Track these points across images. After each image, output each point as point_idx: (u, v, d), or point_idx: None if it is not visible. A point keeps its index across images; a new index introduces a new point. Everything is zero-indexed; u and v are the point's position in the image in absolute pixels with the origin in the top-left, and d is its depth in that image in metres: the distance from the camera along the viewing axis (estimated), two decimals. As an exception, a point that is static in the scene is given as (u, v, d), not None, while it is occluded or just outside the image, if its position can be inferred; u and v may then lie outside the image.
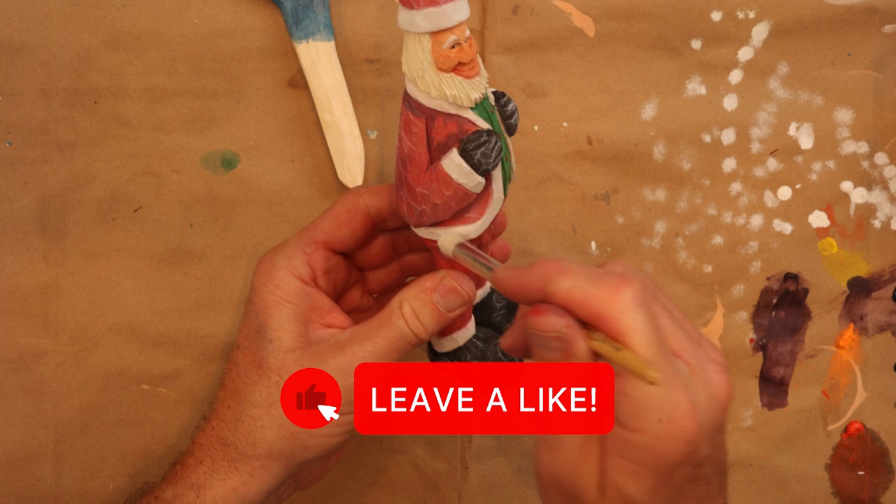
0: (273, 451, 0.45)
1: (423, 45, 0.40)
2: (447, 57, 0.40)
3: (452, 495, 0.58)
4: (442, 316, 0.45)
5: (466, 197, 0.42)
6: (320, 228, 0.47)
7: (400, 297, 0.45)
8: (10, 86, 0.54)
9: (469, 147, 0.41)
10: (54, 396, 0.55)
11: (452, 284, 0.45)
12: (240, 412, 0.45)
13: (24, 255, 0.55)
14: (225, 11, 0.54)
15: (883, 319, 0.58)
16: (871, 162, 0.57)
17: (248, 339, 0.46)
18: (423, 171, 0.42)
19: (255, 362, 0.45)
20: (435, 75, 0.40)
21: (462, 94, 0.41)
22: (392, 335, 0.44)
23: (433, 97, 0.41)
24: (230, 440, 0.45)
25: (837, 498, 0.59)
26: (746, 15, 0.56)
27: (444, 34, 0.40)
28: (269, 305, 0.45)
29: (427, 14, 0.39)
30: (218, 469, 0.45)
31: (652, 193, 0.57)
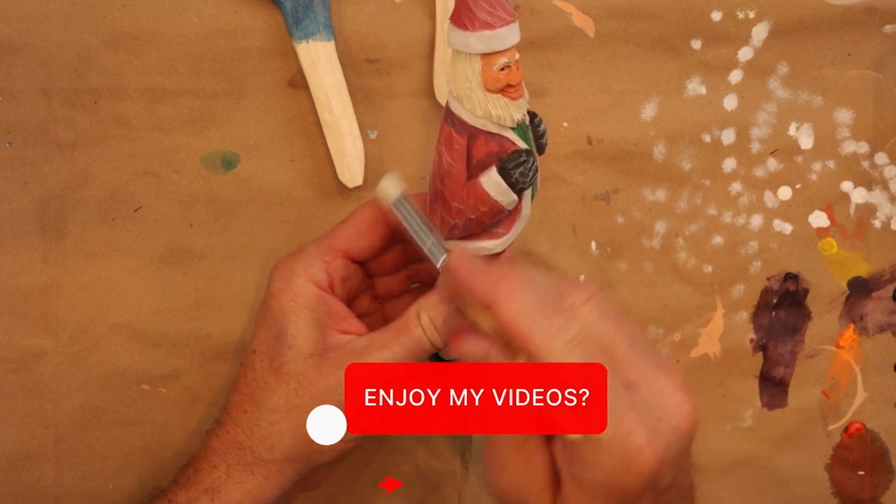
0: (290, 455, 0.45)
1: (473, 66, 0.41)
2: (496, 79, 0.41)
3: (452, 495, 0.58)
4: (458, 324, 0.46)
5: (499, 213, 0.43)
6: (340, 237, 0.47)
7: (418, 305, 0.45)
8: (10, 86, 0.54)
9: (509, 166, 0.42)
10: (54, 396, 0.55)
11: None
12: (257, 417, 0.45)
13: (24, 255, 0.55)
14: (225, 11, 0.54)
15: (883, 319, 0.58)
16: (871, 162, 0.57)
17: (265, 343, 0.46)
18: (460, 187, 0.43)
19: (273, 368, 0.45)
20: (482, 95, 0.41)
21: (506, 114, 0.41)
22: (410, 344, 0.44)
23: (478, 116, 0.41)
24: (247, 444, 0.45)
25: (837, 498, 0.59)
26: (746, 15, 0.56)
27: (495, 56, 0.40)
28: (288, 312, 0.45)
29: (482, 36, 0.40)
30: (233, 473, 0.45)
31: (652, 193, 0.57)
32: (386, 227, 0.48)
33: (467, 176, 0.43)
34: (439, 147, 0.43)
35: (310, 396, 0.44)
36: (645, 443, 0.37)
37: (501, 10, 0.40)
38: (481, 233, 0.44)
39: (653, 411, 0.38)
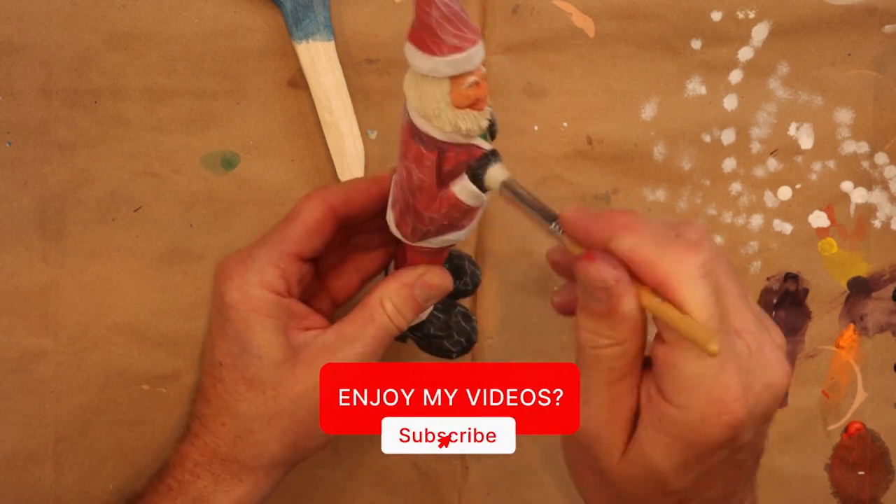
0: (276, 460, 0.45)
1: (441, 88, 0.40)
2: (466, 96, 0.40)
3: (452, 495, 0.58)
4: (420, 307, 0.46)
5: (470, 213, 0.44)
6: (290, 239, 0.46)
7: (379, 293, 0.45)
8: (10, 86, 0.54)
9: (479, 172, 0.42)
10: (54, 396, 0.55)
11: (433, 281, 0.46)
12: (239, 428, 0.45)
13: (24, 255, 0.55)
14: (225, 11, 0.54)
15: (883, 319, 0.58)
16: (871, 162, 0.58)
17: (230, 356, 0.45)
18: (433, 199, 0.43)
19: (245, 379, 0.45)
20: (451, 113, 0.41)
21: (475, 126, 0.41)
22: (378, 333, 0.45)
23: (447, 132, 0.41)
24: (231, 456, 0.45)
25: (837, 498, 0.59)
26: (746, 15, 0.56)
27: (463, 76, 0.40)
28: (251, 323, 0.45)
29: (451, 61, 0.39)
30: (220, 482, 0.45)
31: (652, 193, 0.57)
32: (335, 222, 0.47)
33: (438, 187, 0.43)
34: (407, 163, 0.43)
35: (289, 401, 0.44)
36: (739, 392, 0.36)
37: (467, 31, 0.39)
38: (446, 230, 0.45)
39: (750, 363, 0.37)
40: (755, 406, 0.37)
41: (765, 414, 0.38)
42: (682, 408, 0.37)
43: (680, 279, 0.36)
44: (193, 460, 0.46)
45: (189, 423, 0.48)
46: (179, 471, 0.46)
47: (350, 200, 0.47)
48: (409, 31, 0.40)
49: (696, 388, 0.36)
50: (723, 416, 0.36)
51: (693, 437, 0.37)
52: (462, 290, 0.51)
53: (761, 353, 0.38)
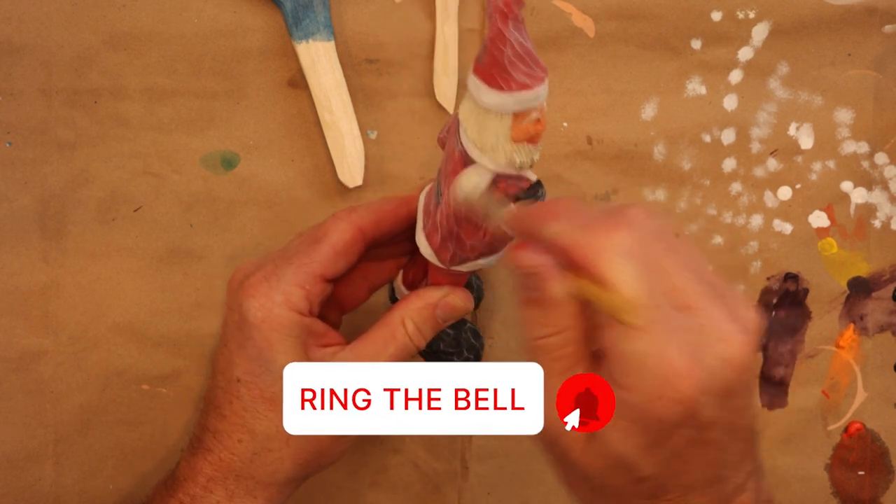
0: (291, 478, 0.46)
1: (503, 123, 0.39)
2: (526, 131, 0.40)
3: (452, 495, 0.58)
4: (440, 328, 0.47)
5: (508, 239, 0.44)
6: (318, 261, 0.46)
7: (402, 312, 0.46)
8: (10, 86, 0.54)
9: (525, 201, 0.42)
10: (54, 396, 0.55)
11: (456, 303, 0.47)
12: (256, 446, 0.45)
13: (24, 255, 0.55)
14: (225, 11, 0.54)
15: (883, 319, 0.58)
16: (871, 162, 0.57)
17: (250, 373, 0.45)
18: (478, 229, 0.43)
19: (265, 398, 0.45)
20: (509, 147, 0.40)
21: (528, 159, 0.41)
22: (398, 353, 0.45)
23: (501, 164, 0.41)
24: (246, 473, 0.45)
25: (837, 498, 0.59)
26: (746, 15, 0.56)
27: (528, 112, 0.39)
28: (273, 343, 0.45)
29: (518, 98, 0.38)
30: (234, 497, 0.45)
31: (652, 193, 0.57)
32: (363, 245, 0.47)
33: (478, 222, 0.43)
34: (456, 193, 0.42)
35: None
36: (685, 368, 0.35)
37: (538, 69, 0.38)
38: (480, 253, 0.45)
39: (700, 338, 0.36)
40: (709, 381, 0.36)
41: (726, 389, 0.36)
42: (630, 389, 0.36)
43: (602, 258, 0.36)
44: (206, 475, 0.46)
45: (200, 436, 0.47)
46: (191, 485, 0.46)
47: (379, 222, 0.47)
48: (475, 63, 0.39)
49: (640, 367, 0.36)
50: (671, 393, 0.35)
51: (646, 417, 0.36)
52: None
53: (714, 327, 0.36)
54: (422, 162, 0.56)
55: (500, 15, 0.36)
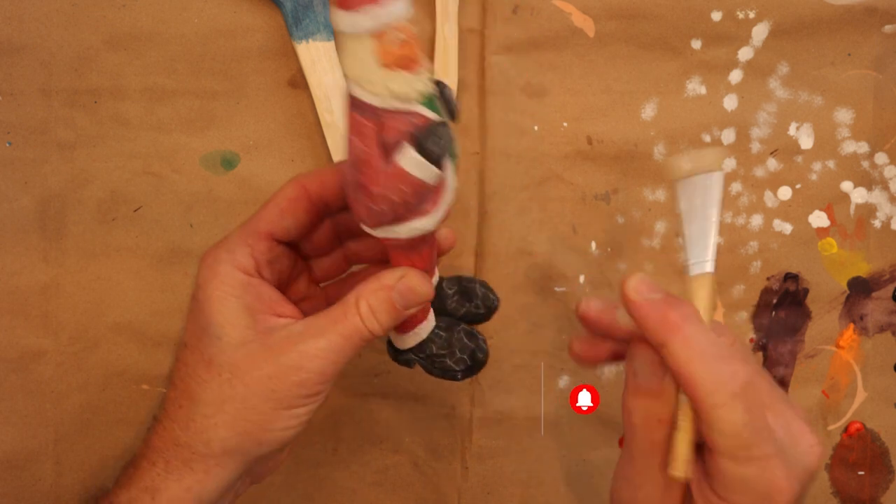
0: (227, 448, 0.43)
1: (365, 45, 0.38)
2: (391, 54, 0.38)
3: (452, 495, 0.58)
4: (399, 314, 0.44)
5: (424, 190, 0.41)
6: (263, 219, 0.45)
7: (357, 292, 0.43)
8: (11, 86, 0.54)
9: (424, 141, 0.40)
10: (54, 396, 0.55)
11: (413, 284, 0.44)
12: (192, 411, 0.43)
13: (24, 255, 0.55)
14: (225, 11, 0.55)
15: (883, 319, 0.58)
16: (871, 162, 0.58)
17: (194, 336, 0.44)
18: (378, 172, 0.40)
19: (204, 360, 0.43)
20: (380, 74, 0.39)
21: (410, 89, 0.39)
22: (346, 331, 0.43)
23: (381, 96, 0.39)
24: (183, 440, 0.43)
25: (837, 498, 0.59)
26: (746, 15, 0.56)
27: (387, 32, 0.38)
28: (213, 301, 0.43)
29: (371, 13, 0.38)
30: (172, 470, 0.44)
31: (652, 193, 0.57)
32: (309, 203, 0.46)
33: (383, 159, 0.40)
34: (349, 136, 0.41)
35: (244, 386, 0.42)
36: (785, 483, 0.39)
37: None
38: (408, 213, 0.42)
39: (791, 452, 0.40)
40: (799, 490, 0.40)
41: (803, 494, 0.41)
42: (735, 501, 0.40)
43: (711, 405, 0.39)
44: (153, 447, 0.44)
45: (157, 411, 0.47)
46: (140, 459, 0.45)
47: (324, 182, 0.46)
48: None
49: (743, 489, 0.39)
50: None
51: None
52: (473, 314, 0.49)
53: (795, 441, 0.41)
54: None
55: None
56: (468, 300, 0.49)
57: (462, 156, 0.56)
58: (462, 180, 0.56)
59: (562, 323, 0.57)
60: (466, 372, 0.48)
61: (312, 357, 0.42)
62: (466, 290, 0.49)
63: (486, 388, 0.57)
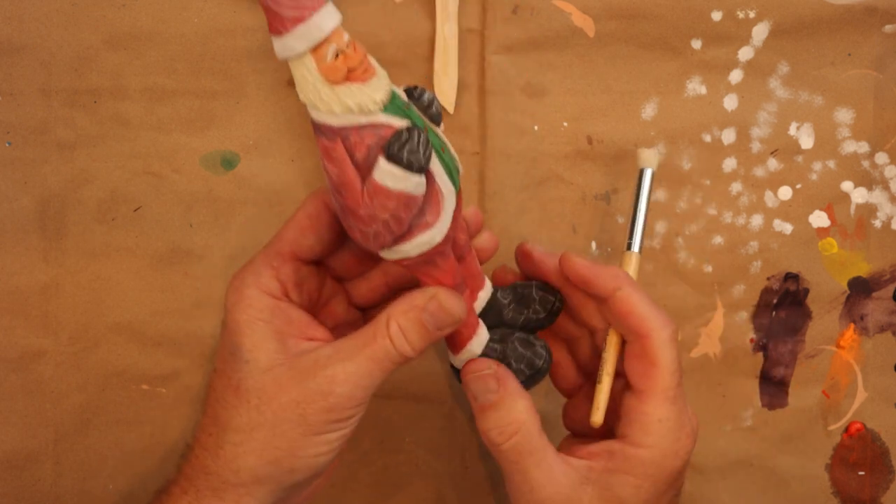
0: (257, 476, 0.42)
1: (307, 66, 0.37)
2: (335, 68, 0.37)
3: (452, 495, 0.58)
4: (431, 335, 0.43)
5: (412, 201, 0.40)
6: (285, 239, 0.44)
7: (387, 313, 0.42)
8: (10, 86, 0.54)
9: (394, 150, 0.38)
10: (54, 396, 0.55)
11: (444, 303, 0.43)
12: (221, 439, 0.42)
13: (24, 255, 0.55)
14: (225, 11, 0.54)
15: (883, 319, 0.58)
16: (871, 162, 0.57)
17: (223, 361, 0.43)
18: (359, 193, 0.39)
19: (232, 386, 0.42)
20: (330, 91, 0.38)
21: (366, 100, 0.38)
22: (376, 355, 0.42)
23: (338, 114, 0.38)
24: (213, 469, 0.42)
25: (838, 498, 0.59)
26: (747, 15, 0.56)
27: (322, 47, 0.37)
28: (241, 325, 0.42)
29: (298, 34, 0.37)
30: (202, 498, 0.42)
31: (652, 193, 0.57)
32: (331, 218, 0.44)
33: (361, 179, 0.39)
34: (322, 163, 0.40)
35: (272, 413, 0.41)
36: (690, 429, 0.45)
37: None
38: (410, 229, 0.41)
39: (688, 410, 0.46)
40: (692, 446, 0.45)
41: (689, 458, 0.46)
42: (649, 447, 0.44)
43: (661, 340, 0.45)
44: (185, 475, 0.44)
45: (190, 438, 0.46)
46: (172, 486, 0.44)
47: None
48: None
49: (660, 429, 0.44)
50: (680, 449, 0.44)
51: (658, 471, 0.44)
52: (534, 320, 0.48)
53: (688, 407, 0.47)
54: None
55: None
56: (525, 307, 0.48)
57: (462, 156, 0.56)
58: (462, 180, 0.56)
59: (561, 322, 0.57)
60: (528, 381, 0.46)
61: (341, 382, 0.41)
62: (523, 297, 0.48)
63: (486, 388, 0.57)
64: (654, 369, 0.44)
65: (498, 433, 0.44)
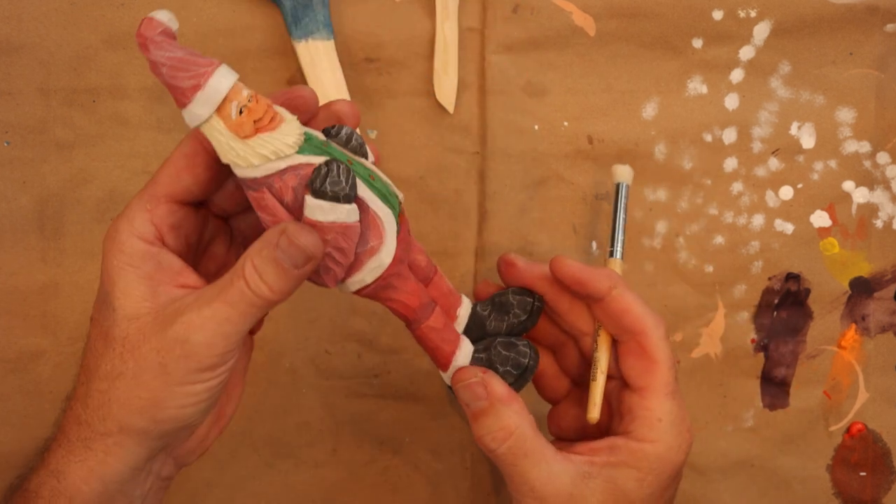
0: (123, 426, 0.40)
1: (217, 128, 0.39)
2: (241, 123, 0.39)
3: (452, 495, 0.58)
4: (287, 273, 0.40)
5: (349, 230, 0.41)
6: (160, 181, 0.42)
7: (246, 254, 0.40)
8: (9, 85, 0.54)
9: (316, 185, 0.39)
10: (53, 396, 0.55)
11: (293, 237, 0.40)
12: (89, 388, 0.41)
13: (23, 255, 0.55)
14: (224, 10, 0.54)
15: (885, 320, 0.58)
16: (872, 161, 0.57)
17: (97, 311, 0.42)
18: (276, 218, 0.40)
19: (102, 333, 0.41)
20: (244, 145, 0.39)
21: (278, 145, 0.39)
22: (233, 298, 0.39)
23: (257, 165, 0.39)
24: (83, 418, 0.41)
25: (839, 499, 0.59)
26: (748, 14, 0.56)
27: (225, 106, 0.39)
28: (112, 272, 0.41)
29: (200, 100, 0.38)
30: (74, 451, 0.41)
31: (653, 193, 0.57)
32: (207, 157, 0.42)
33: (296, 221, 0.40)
34: (259, 215, 0.41)
35: (134, 362, 0.40)
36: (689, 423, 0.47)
37: (199, 66, 0.38)
38: (358, 257, 0.42)
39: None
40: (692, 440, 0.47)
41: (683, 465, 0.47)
42: (654, 442, 0.45)
43: (656, 338, 0.46)
44: (61, 428, 0.42)
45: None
46: (51, 441, 0.43)
47: None
48: None
49: (664, 424, 0.45)
50: (683, 443, 0.46)
51: (662, 466, 0.45)
52: (516, 324, 0.48)
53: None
54: (422, 160, 0.56)
55: (140, 48, 0.38)
56: (505, 313, 0.48)
57: (462, 155, 0.56)
58: (463, 180, 0.56)
59: (562, 323, 0.57)
60: (518, 382, 0.47)
61: (197, 328, 0.39)
62: (501, 305, 0.48)
63: (486, 389, 0.57)
64: (654, 365, 0.46)
65: (492, 439, 0.44)
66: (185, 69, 0.38)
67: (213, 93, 0.38)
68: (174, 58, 0.38)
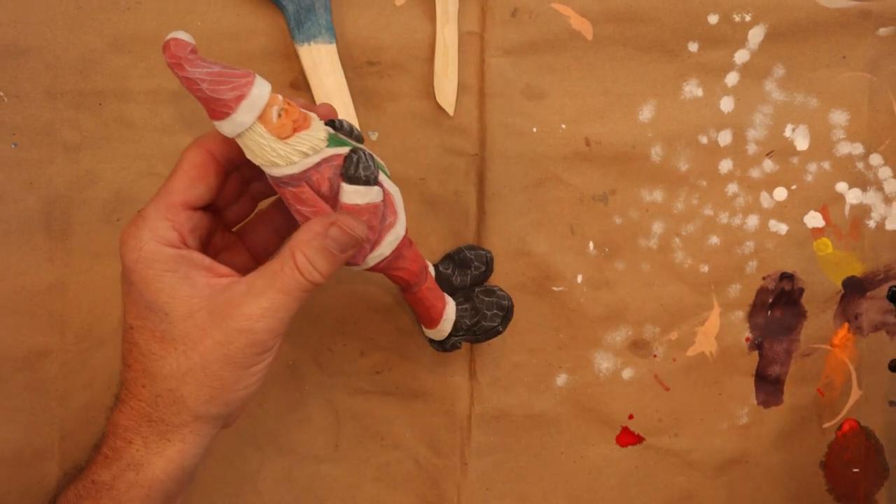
0: (197, 415, 0.44)
1: (259, 133, 0.42)
2: (282, 125, 0.42)
3: (452, 491, 0.58)
4: (336, 259, 0.44)
5: (378, 209, 0.45)
6: (175, 190, 0.46)
7: (291, 245, 0.44)
8: (16, 87, 0.54)
9: (351, 172, 0.44)
10: (59, 395, 0.56)
11: (346, 226, 0.44)
12: (157, 388, 0.44)
13: (30, 256, 0.55)
14: (228, 14, 0.55)
15: (877, 319, 0.59)
16: (865, 163, 0.58)
17: (139, 318, 0.45)
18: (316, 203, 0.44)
19: (157, 337, 0.44)
20: (285, 146, 0.43)
21: (315, 141, 0.43)
22: (287, 287, 0.44)
23: (297, 162, 0.43)
24: (155, 416, 0.45)
25: (832, 495, 0.59)
26: (743, 18, 0.56)
27: (266, 112, 0.42)
28: (151, 280, 0.44)
29: (244, 108, 0.41)
30: (151, 445, 0.45)
31: (649, 194, 0.57)
32: (217, 166, 0.46)
33: (333, 208, 0.45)
34: (294, 209, 0.45)
35: (199, 356, 0.43)
36: None
37: (239, 78, 0.42)
38: (380, 233, 0.46)
39: None
40: None
41: None
42: None
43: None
44: (123, 426, 0.45)
45: (117, 392, 0.47)
46: (113, 439, 0.46)
47: (225, 140, 0.46)
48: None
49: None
50: None
51: None
52: (478, 276, 0.54)
53: None
54: (423, 162, 0.56)
55: (173, 68, 0.40)
56: (467, 267, 0.54)
57: (462, 157, 0.56)
58: (462, 181, 0.56)
59: (560, 322, 0.58)
60: (504, 321, 0.54)
61: (258, 318, 0.43)
62: (461, 261, 0.54)
63: (485, 386, 0.58)
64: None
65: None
66: (226, 82, 0.41)
67: (256, 100, 0.42)
68: (213, 72, 0.41)
